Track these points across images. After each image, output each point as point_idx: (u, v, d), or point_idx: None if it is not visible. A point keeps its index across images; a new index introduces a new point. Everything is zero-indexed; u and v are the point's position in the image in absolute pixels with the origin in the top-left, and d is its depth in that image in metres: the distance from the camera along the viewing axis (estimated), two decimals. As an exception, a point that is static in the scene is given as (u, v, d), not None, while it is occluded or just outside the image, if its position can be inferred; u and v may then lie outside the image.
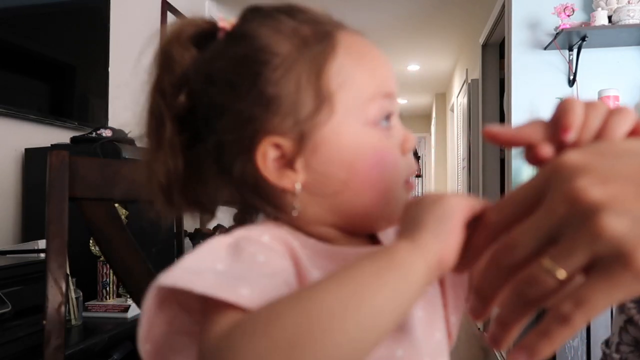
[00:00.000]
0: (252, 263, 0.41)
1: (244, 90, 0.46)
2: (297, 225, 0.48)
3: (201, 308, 0.40)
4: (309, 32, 0.47)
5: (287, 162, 0.46)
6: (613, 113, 0.40)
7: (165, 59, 0.50)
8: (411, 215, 0.40)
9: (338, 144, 0.46)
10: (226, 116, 0.46)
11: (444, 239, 0.38)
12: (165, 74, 0.50)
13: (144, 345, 0.43)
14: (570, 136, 0.40)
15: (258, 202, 0.48)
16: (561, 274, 0.33)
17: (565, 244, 0.33)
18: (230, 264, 0.41)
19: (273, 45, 0.46)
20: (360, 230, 0.50)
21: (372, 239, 0.52)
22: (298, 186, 0.46)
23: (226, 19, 0.50)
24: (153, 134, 0.50)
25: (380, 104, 0.47)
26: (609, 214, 0.32)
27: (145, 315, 0.41)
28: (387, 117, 0.48)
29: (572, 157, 0.35)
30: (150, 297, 0.40)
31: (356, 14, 4.30)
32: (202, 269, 0.40)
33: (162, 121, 0.49)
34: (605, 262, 0.32)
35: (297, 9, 0.49)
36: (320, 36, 0.47)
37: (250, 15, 0.49)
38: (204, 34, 0.50)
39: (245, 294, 0.37)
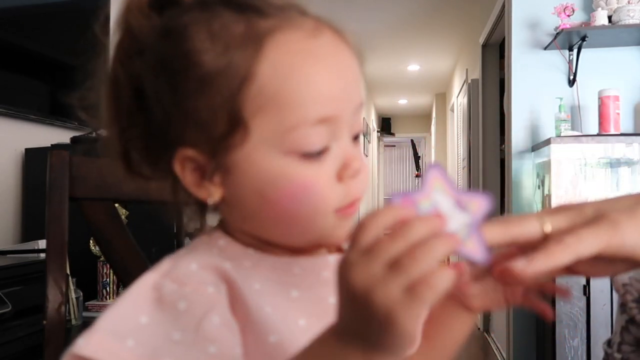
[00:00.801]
0: (175, 312, 0.40)
1: (163, 94, 0.43)
2: (230, 232, 0.47)
3: None
4: (239, 33, 0.42)
5: (207, 176, 0.44)
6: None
7: (123, 25, 0.47)
8: (355, 316, 0.33)
9: (251, 171, 0.43)
10: (156, 105, 0.44)
11: (401, 355, 0.34)
12: (125, 40, 0.47)
13: None
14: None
15: (184, 199, 0.47)
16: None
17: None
18: (153, 315, 0.40)
19: (196, 51, 0.42)
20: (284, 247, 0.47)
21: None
22: (211, 200, 0.45)
23: None
24: (112, 101, 0.47)
25: (306, 133, 0.42)
26: None
27: None
28: (321, 144, 0.43)
29: None
30: None
31: (356, 14, 4.30)
32: (124, 330, 0.39)
33: (119, 87, 0.46)
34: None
35: None
36: (248, 41, 0.42)
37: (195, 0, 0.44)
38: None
39: None
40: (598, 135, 2.48)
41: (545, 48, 2.70)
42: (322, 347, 0.36)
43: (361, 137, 0.49)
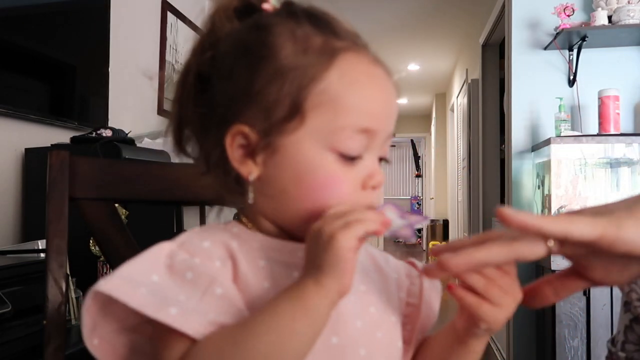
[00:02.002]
0: (182, 280, 0.46)
1: (239, 74, 0.50)
2: (251, 217, 0.54)
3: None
4: (318, 44, 0.50)
5: (250, 153, 0.51)
6: None
7: (209, 24, 0.54)
8: (313, 251, 0.45)
9: (295, 156, 0.49)
10: (221, 88, 0.51)
11: (340, 280, 0.44)
12: (206, 37, 0.54)
13: (90, 340, 0.48)
14: None
15: (224, 178, 0.53)
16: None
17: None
18: (163, 277, 0.46)
19: (279, 45, 0.49)
20: (295, 238, 0.53)
21: None
22: (252, 177, 0.51)
23: (271, 2, 0.53)
24: (179, 84, 0.55)
25: (350, 136, 0.49)
26: None
27: (87, 314, 0.47)
28: (358, 150, 0.50)
29: None
30: (89, 299, 0.46)
31: (356, 14, 4.30)
32: (138, 280, 0.46)
33: (187, 73, 0.53)
34: None
35: (326, 17, 0.52)
36: (324, 52, 0.50)
37: (282, 8, 0.53)
38: (249, 8, 0.53)
39: (174, 313, 0.44)
40: (598, 135, 2.48)
41: (545, 48, 2.70)
42: (288, 288, 0.46)
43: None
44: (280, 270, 0.51)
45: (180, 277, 0.47)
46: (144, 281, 0.46)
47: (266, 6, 0.53)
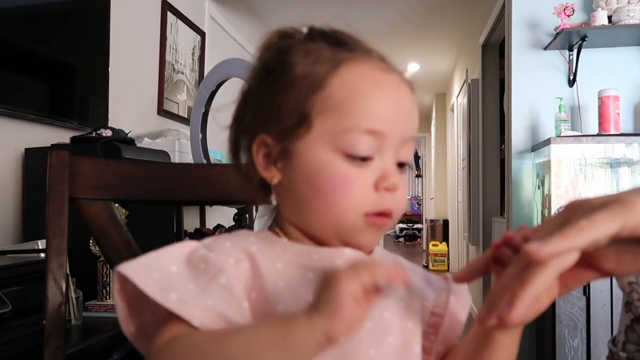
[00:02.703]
0: (196, 270, 0.50)
1: (263, 91, 0.55)
2: (280, 225, 0.57)
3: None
4: (326, 56, 0.53)
5: (273, 160, 0.55)
6: None
7: (258, 56, 0.59)
8: (318, 290, 0.45)
9: (306, 159, 0.53)
10: (251, 104, 0.56)
11: (330, 321, 0.43)
12: (256, 65, 0.59)
13: (128, 327, 0.52)
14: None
15: (250, 183, 0.57)
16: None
17: None
18: (181, 268, 0.50)
19: (293, 62, 0.54)
20: (319, 242, 0.55)
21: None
22: (274, 181, 0.55)
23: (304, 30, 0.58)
24: (236, 106, 0.60)
25: (356, 138, 0.51)
26: None
27: (118, 298, 0.51)
28: (367, 151, 0.52)
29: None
30: (115, 285, 0.51)
31: (356, 14, 4.30)
32: (154, 267, 0.49)
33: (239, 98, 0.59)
34: None
35: (343, 35, 0.56)
36: (330, 61, 0.53)
37: (306, 33, 0.57)
38: (288, 32, 0.58)
39: (174, 298, 0.47)
40: (598, 135, 2.48)
41: (545, 48, 2.70)
42: (283, 315, 0.48)
43: (407, 169, 0.57)
44: (295, 272, 0.53)
45: (195, 268, 0.50)
46: (161, 269, 0.49)
47: (303, 30, 0.57)
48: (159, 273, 0.49)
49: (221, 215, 2.93)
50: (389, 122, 0.52)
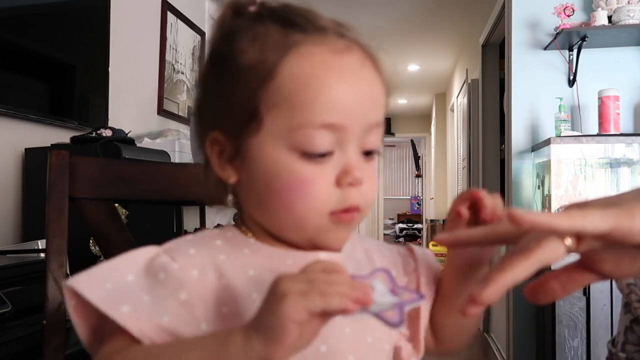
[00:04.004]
0: (154, 280, 0.47)
1: (211, 83, 0.51)
2: (246, 222, 0.53)
3: None
4: (274, 40, 0.48)
5: (228, 159, 0.51)
6: None
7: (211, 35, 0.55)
8: (264, 302, 0.41)
9: (260, 159, 0.48)
10: (201, 97, 0.53)
11: (270, 347, 0.39)
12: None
13: (92, 344, 0.49)
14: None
15: (208, 181, 0.53)
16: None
17: None
18: (138, 277, 0.47)
19: (239, 49, 0.49)
20: (286, 243, 0.51)
21: None
22: (231, 180, 0.51)
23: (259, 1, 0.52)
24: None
25: (310, 134, 0.46)
26: None
27: (74, 317, 0.48)
28: (324, 147, 0.47)
29: None
30: (67, 301, 0.47)
31: (356, 14, 4.30)
32: (108, 277, 0.46)
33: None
34: None
35: (296, 13, 0.50)
36: (278, 47, 0.48)
37: (252, 11, 0.51)
38: (243, 5, 0.52)
39: (126, 311, 0.44)
40: (598, 135, 2.48)
41: (545, 48, 2.70)
42: (221, 330, 0.44)
43: (377, 156, 0.52)
44: (269, 278, 0.47)
45: (153, 277, 0.47)
46: (115, 279, 0.46)
47: (252, 9, 0.51)
48: (112, 283, 0.45)
49: (221, 215, 2.93)
50: (348, 112, 0.47)
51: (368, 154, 0.50)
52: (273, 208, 0.49)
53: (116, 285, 0.46)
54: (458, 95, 5.54)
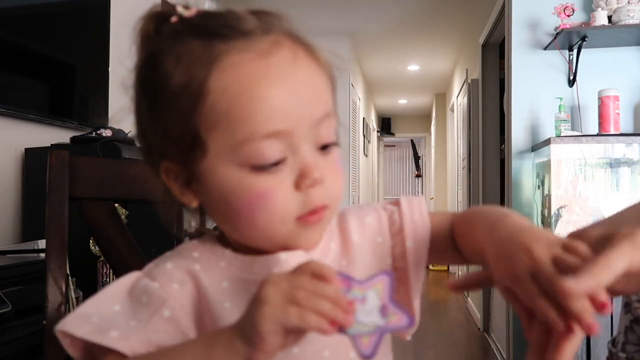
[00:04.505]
0: (138, 304, 0.48)
1: (147, 115, 0.49)
2: (221, 233, 0.53)
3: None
4: (197, 56, 0.46)
5: (186, 184, 0.50)
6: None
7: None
8: (250, 305, 0.41)
9: (214, 181, 0.47)
10: (140, 129, 0.51)
11: (252, 350, 0.40)
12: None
13: None
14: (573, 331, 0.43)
15: (173, 207, 0.53)
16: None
17: None
18: (124, 305, 0.48)
19: (166, 74, 0.46)
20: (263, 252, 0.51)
21: None
22: (194, 205, 0.51)
23: (180, 10, 0.48)
24: None
25: (256, 147, 0.45)
26: None
27: (72, 352, 0.48)
28: (274, 156, 0.46)
29: None
30: (63, 342, 0.48)
31: (356, 14, 4.30)
32: (93, 312, 0.47)
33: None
34: None
35: (214, 19, 0.47)
36: (202, 63, 0.45)
37: (172, 25, 0.48)
38: (163, 15, 0.50)
39: (115, 335, 0.45)
40: (598, 135, 2.48)
41: (545, 48, 2.70)
42: (210, 332, 0.45)
43: (335, 147, 0.50)
44: (241, 289, 0.50)
45: (137, 302, 0.48)
46: (101, 312, 0.47)
47: (173, 19, 0.48)
48: (97, 317, 0.47)
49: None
50: (289, 115, 0.45)
51: (324, 147, 0.49)
52: (239, 225, 0.49)
53: (103, 318, 0.47)
54: (458, 95, 5.54)
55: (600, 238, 0.45)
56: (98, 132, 1.97)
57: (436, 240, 0.57)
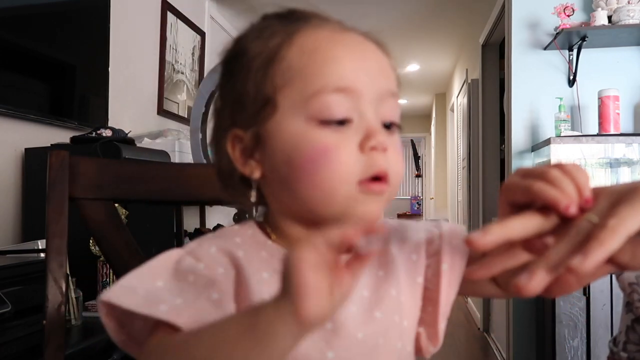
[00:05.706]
0: (184, 283, 0.47)
1: (226, 84, 0.53)
2: (271, 221, 0.53)
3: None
4: (277, 30, 0.50)
5: (249, 153, 0.51)
6: (575, 171, 0.45)
7: None
8: (282, 273, 0.39)
9: (280, 138, 0.48)
10: (219, 101, 0.54)
11: (293, 302, 0.37)
12: None
13: (118, 337, 0.50)
14: (572, 210, 0.44)
15: (231, 186, 0.54)
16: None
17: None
18: (168, 282, 0.47)
19: (247, 46, 0.51)
20: (320, 226, 0.48)
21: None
22: (256, 174, 0.51)
23: None
24: None
25: (326, 100, 0.47)
26: None
27: (106, 321, 0.49)
28: (341, 112, 0.47)
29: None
30: (100, 311, 0.48)
31: (356, 14, 4.30)
32: (138, 286, 0.47)
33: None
34: None
35: (298, 11, 0.53)
36: (282, 34, 0.50)
37: (260, 19, 0.54)
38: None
39: (164, 309, 0.44)
40: (598, 135, 2.48)
41: (545, 48, 2.70)
42: (250, 306, 0.44)
43: (397, 130, 0.51)
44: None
45: (183, 281, 0.47)
46: (145, 287, 0.47)
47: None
48: (143, 290, 0.46)
49: (221, 215, 2.93)
50: (357, 77, 0.48)
51: (388, 127, 0.50)
52: (299, 187, 0.48)
53: (148, 291, 0.46)
54: (458, 95, 5.54)
55: (619, 191, 0.44)
56: (98, 132, 1.98)
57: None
